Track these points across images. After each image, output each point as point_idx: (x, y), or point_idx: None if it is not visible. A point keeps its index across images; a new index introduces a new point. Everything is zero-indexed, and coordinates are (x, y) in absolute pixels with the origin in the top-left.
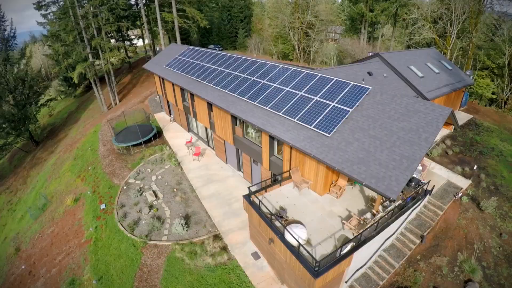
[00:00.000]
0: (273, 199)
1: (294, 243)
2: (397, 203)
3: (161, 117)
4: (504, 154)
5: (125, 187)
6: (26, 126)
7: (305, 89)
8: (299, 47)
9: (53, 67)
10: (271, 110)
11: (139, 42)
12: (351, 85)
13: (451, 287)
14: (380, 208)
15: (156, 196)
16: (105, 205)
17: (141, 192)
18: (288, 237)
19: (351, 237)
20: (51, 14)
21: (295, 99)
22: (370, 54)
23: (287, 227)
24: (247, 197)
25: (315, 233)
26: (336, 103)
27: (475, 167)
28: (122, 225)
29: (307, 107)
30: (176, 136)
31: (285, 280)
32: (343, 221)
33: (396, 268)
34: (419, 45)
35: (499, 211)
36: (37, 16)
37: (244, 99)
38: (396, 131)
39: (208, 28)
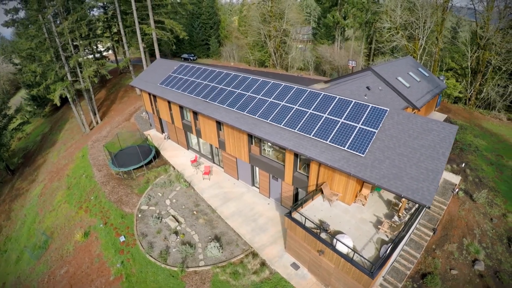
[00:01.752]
0: (310, 213)
1: (344, 251)
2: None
3: (153, 135)
4: (480, 149)
5: (139, 215)
6: (0, 154)
7: (328, 111)
8: (275, 54)
9: (10, 85)
10: (300, 133)
11: (107, 53)
12: (370, 107)
13: (463, 267)
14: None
15: (177, 221)
16: (125, 237)
17: (159, 218)
18: (338, 246)
19: (385, 239)
20: (19, 26)
21: (321, 121)
22: (351, 62)
23: (336, 238)
24: (289, 215)
25: (356, 239)
26: (362, 124)
27: (463, 164)
28: (151, 256)
29: (336, 129)
30: (175, 155)
31: (331, 284)
32: (378, 226)
33: (418, 258)
34: (390, 49)
35: (486, 200)
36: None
37: (268, 121)
38: (418, 148)
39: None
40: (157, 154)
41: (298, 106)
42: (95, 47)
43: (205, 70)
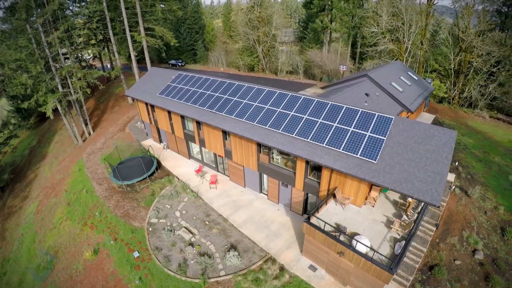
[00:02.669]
0: (326, 218)
1: (363, 250)
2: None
3: (147, 145)
4: (468, 147)
5: (150, 229)
6: None
7: (338, 120)
8: (264, 59)
9: None
10: (313, 142)
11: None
12: (376, 115)
13: (465, 257)
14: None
15: (191, 232)
16: (139, 252)
17: (172, 231)
18: (358, 247)
19: (397, 237)
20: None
21: (332, 130)
22: (342, 66)
23: (355, 239)
24: (308, 221)
25: (371, 239)
26: (371, 132)
27: (456, 163)
28: (170, 269)
29: (347, 137)
30: (177, 165)
31: (350, 282)
32: (390, 225)
33: (425, 252)
34: (377, 53)
35: (480, 195)
36: None
37: (279, 131)
38: (423, 153)
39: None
40: (158, 164)
41: (307, 115)
42: (80, 54)
43: (206, 79)
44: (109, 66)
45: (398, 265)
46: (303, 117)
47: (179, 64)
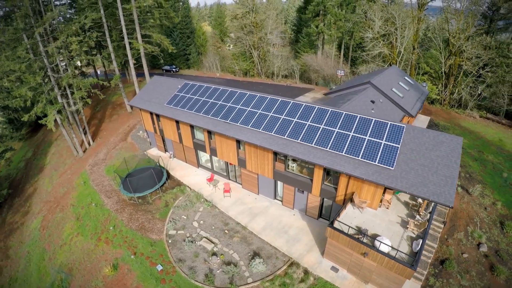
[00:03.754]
0: (347, 221)
1: (385, 250)
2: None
3: (155, 155)
4: (464, 147)
5: (170, 241)
6: None
7: (353, 129)
8: (260, 63)
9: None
10: (332, 151)
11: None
12: (389, 124)
13: (471, 250)
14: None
15: (212, 242)
16: (162, 265)
17: (193, 241)
18: (381, 247)
19: (413, 235)
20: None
21: (349, 139)
22: (339, 71)
23: (378, 240)
24: (331, 226)
25: (391, 239)
26: (385, 141)
27: None
28: (197, 280)
29: (364, 146)
30: (187, 174)
31: (371, 280)
32: (406, 225)
33: (436, 248)
34: (371, 57)
35: (479, 192)
36: None
37: (298, 141)
38: (435, 158)
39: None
40: (168, 174)
41: (324, 125)
42: (72, 62)
43: (215, 89)
44: (99, 72)
45: (418, 262)
46: (320, 127)
47: (173, 70)
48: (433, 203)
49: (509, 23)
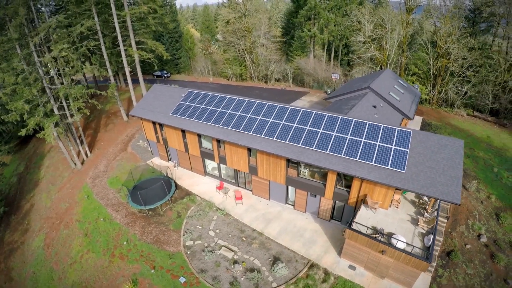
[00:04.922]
0: (362, 222)
1: (401, 247)
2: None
3: (158, 164)
4: None
5: (188, 252)
6: None
7: (364, 135)
8: (252, 67)
9: None
10: (346, 157)
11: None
12: (397, 130)
13: (473, 242)
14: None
15: (231, 250)
16: (184, 277)
17: (212, 251)
18: (398, 244)
19: (423, 231)
20: None
21: (361, 145)
22: (334, 75)
23: (395, 238)
24: (350, 227)
25: (404, 236)
26: (395, 146)
27: None
28: None
29: (376, 151)
30: (194, 183)
31: (388, 275)
32: (417, 223)
33: (441, 241)
34: (363, 60)
35: (475, 187)
36: None
37: (313, 148)
38: (440, 160)
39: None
40: (175, 184)
41: (336, 132)
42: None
43: (222, 98)
44: (85, 79)
45: (432, 255)
46: (332, 134)
47: (165, 75)
48: (438, 201)
49: (490, 25)
